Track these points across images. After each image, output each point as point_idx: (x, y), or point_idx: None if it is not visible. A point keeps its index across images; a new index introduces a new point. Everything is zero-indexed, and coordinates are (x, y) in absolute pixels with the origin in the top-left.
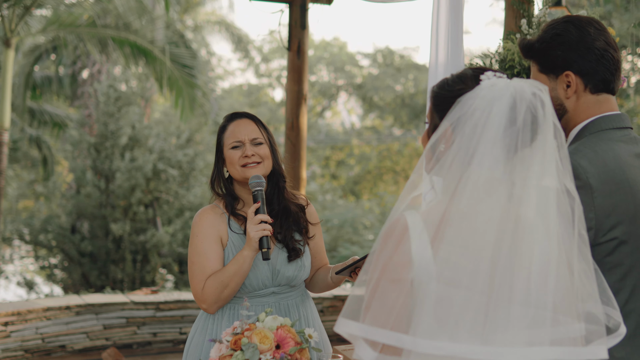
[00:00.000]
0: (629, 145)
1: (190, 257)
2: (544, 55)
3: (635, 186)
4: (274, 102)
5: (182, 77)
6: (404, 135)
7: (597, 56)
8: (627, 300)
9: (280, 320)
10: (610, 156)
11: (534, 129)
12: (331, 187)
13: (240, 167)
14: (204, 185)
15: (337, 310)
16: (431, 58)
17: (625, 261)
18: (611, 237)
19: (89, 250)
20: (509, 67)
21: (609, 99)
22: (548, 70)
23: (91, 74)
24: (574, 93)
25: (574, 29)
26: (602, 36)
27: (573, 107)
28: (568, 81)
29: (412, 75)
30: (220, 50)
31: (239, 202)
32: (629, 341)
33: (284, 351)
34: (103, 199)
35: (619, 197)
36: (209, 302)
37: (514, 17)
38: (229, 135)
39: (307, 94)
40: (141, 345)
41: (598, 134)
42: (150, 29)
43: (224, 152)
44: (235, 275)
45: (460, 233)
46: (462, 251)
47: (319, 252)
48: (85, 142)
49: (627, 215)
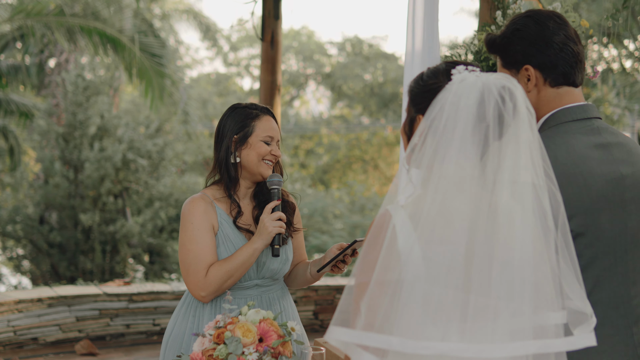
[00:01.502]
0: (589, 137)
1: (186, 245)
2: (505, 51)
3: (590, 178)
4: (242, 91)
5: (151, 67)
6: (373, 124)
7: (556, 50)
8: (590, 292)
9: (262, 313)
10: (563, 150)
11: (502, 123)
12: (300, 176)
13: (262, 160)
14: (174, 175)
15: (310, 301)
16: (407, 47)
17: (584, 253)
18: None
19: (58, 241)
20: (485, 59)
21: (570, 91)
22: (510, 65)
23: (58, 63)
24: (534, 87)
25: (533, 23)
26: (562, 30)
27: (535, 101)
28: (528, 75)
29: (381, 64)
30: (188, 39)
31: (238, 186)
32: (595, 331)
33: (267, 344)
34: (72, 189)
35: (571, 190)
36: (210, 290)
37: (488, 8)
38: (265, 128)
39: (281, 85)
40: (114, 337)
41: (556, 127)
42: (118, 17)
43: (250, 139)
44: (242, 265)
45: (435, 230)
46: (439, 248)
47: (299, 247)
48: (53, 132)
49: (582, 208)
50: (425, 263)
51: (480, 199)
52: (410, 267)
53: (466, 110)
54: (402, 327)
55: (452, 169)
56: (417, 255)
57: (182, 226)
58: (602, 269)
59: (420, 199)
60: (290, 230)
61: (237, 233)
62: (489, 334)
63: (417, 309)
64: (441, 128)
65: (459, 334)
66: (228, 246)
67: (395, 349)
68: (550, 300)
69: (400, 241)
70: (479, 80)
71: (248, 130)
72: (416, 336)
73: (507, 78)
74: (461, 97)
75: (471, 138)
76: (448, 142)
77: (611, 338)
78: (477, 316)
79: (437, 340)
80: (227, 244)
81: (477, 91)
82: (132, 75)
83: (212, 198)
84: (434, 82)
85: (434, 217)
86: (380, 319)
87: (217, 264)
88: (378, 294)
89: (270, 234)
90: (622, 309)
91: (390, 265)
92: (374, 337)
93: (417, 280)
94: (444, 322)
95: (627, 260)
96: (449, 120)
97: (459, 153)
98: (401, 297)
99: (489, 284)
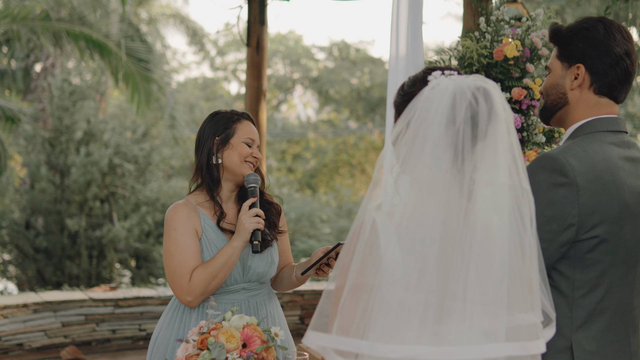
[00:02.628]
0: (621, 149)
1: (170, 251)
2: (566, 43)
3: (621, 188)
4: (229, 96)
5: (138, 72)
6: (360, 128)
7: (612, 60)
8: (602, 297)
9: (246, 319)
10: (600, 157)
11: (476, 124)
12: (288, 181)
13: (244, 162)
14: (161, 180)
15: (297, 305)
16: (391, 52)
17: (604, 259)
18: (593, 235)
19: (44, 246)
20: (468, 65)
21: (610, 103)
22: (564, 58)
23: (45, 67)
24: (578, 86)
25: (602, 28)
26: (625, 45)
27: (575, 101)
28: (577, 73)
29: (368, 68)
30: (175, 44)
31: (220, 188)
32: (601, 336)
33: (251, 350)
34: (58, 194)
35: (604, 198)
36: (196, 294)
37: (472, 15)
38: (246, 131)
39: (267, 90)
40: (100, 342)
41: (592, 135)
42: (105, 22)
43: (232, 140)
44: (224, 266)
45: (409, 234)
46: (413, 253)
47: (285, 250)
48: (39, 137)
49: (611, 216)
50: (403, 267)
51: (453, 202)
52: (388, 271)
53: (438, 114)
54: (376, 331)
55: (425, 174)
56: (398, 259)
57: (166, 233)
58: (616, 277)
59: (398, 204)
60: (275, 232)
61: (221, 236)
62: (462, 337)
63: (391, 313)
64: (412, 134)
65: (432, 337)
66: (212, 250)
67: (365, 352)
68: (523, 302)
69: (382, 244)
70: (452, 83)
71: (230, 132)
72: (389, 340)
73: (483, 79)
74: (433, 101)
75: (444, 142)
76: (420, 147)
77: (613, 345)
78: (451, 319)
79: (411, 344)
80: (211, 248)
81: (449, 94)
82: (119, 80)
83: (195, 203)
84: (413, 90)
85: (407, 221)
86: (355, 323)
87: (199, 267)
88: (354, 297)
89: (248, 230)
90: (625, 318)
91: (367, 269)
92: (346, 341)
93: (393, 284)
94: (418, 325)
95: (637, 271)
96: (420, 125)
97: (431, 157)
98: (376, 301)
99: (464, 287)
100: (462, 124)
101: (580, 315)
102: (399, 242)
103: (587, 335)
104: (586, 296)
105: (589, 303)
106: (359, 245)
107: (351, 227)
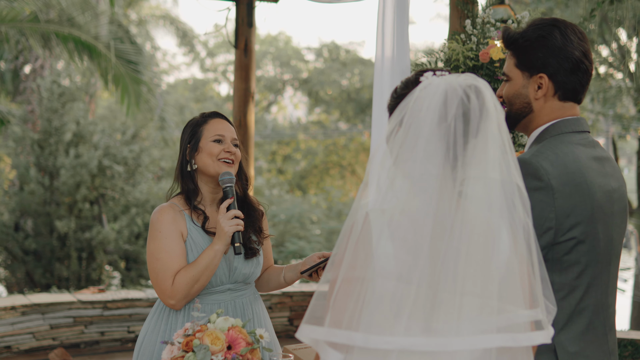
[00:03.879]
0: (587, 149)
1: (154, 254)
2: (525, 53)
3: (592, 188)
4: (219, 97)
5: (127, 73)
6: (350, 129)
7: (573, 66)
8: (581, 298)
9: (231, 321)
10: (571, 158)
11: (468, 121)
12: (278, 182)
13: (218, 160)
14: (150, 182)
15: (285, 307)
16: (377, 53)
17: (581, 260)
18: (570, 237)
19: (33, 248)
20: (454, 67)
21: (573, 106)
22: (524, 67)
23: (34, 69)
24: (543, 95)
25: (559, 34)
26: (582, 47)
27: (539, 109)
28: (540, 83)
29: (358, 69)
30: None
31: (200, 195)
32: (582, 336)
33: (236, 352)
34: (47, 196)
35: (578, 199)
36: (179, 297)
37: (458, 17)
38: (212, 129)
39: (255, 92)
40: (89, 344)
41: (559, 136)
42: (94, 24)
43: (200, 143)
44: (207, 269)
45: (401, 228)
46: (404, 246)
47: (267, 252)
48: (28, 139)
49: (585, 216)
50: (395, 260)
51: (445, 196)
52: (380, 264)
53: (430, 110)
54: (368, 323)
55: (417, 169)
56: (389, 252)
57: (151, 235)
58: (592, 277)
59: (391, 199)
60: (261, 238)
61: (206, 238)
62: (453, 328)
63: (383, 305)
64: (405, 130)
65: (424, 329)
66: (198, 252)
67: (359, 344)
68: (517, 296)
69: (374, 238)
70: (443, 82)
71: (198, 136)
72: (381, 332)
73: (474, 78)
74: (425, 99)
75: (436, 138)
76: (413, 144)
77: (593, 344)
78: (443, 311)
79: (403, 335)
80: (197, 250)
81: (441, 92)
82: (108, 82)
83: (181, 206)
84: (406, 92)
85: (399, 215)
86: (348, 315)
87: (182, 270)
88: (346, 290)
89: (228, 233)
90: (602, 316)
91: (359, 262)
92: (339, 333)
93: (385, 276)
94: (409, 317)
95: (610, 270)
96: (413, 122)
97: (424, 153)
98: (367, 294)
99: (454, 279)
100: (453, 120)
101: (561, 317)
102: (391, 236)
103: (568, 337)
104: (566, 298)
105: (568, 305)
106: (352, 239)
107: (344, 224)
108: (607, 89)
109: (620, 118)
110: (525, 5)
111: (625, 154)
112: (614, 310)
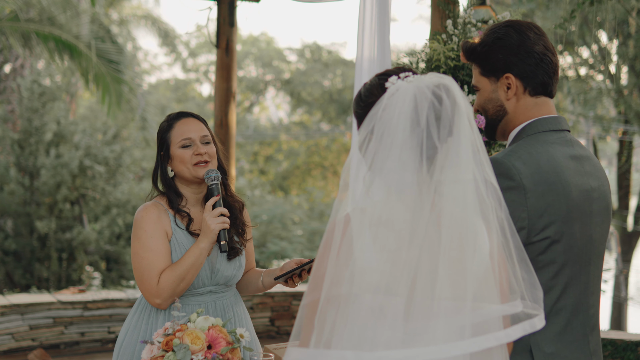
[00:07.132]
0: (565, 147)
1: (139, 253)
2: (486, 59)
3: (568, 187)
4: (201, 98)
5: (108, 73)
6: (332, 130)
7: (536, 60)
8: (558, 298)
9: (211, 320)
10: (545, 158)
11: (440, 121)
12: (260, 183)
13: (192, 166)
14: (131, 182)
15: (267, 307)
16: (358, 54)
17: (557, 259)
18: (544, 237)
19: (13, 249)
20: (435, 67)
21: (547, 101)
22: (489, 73)
23: (14, 68)
24: (514, 95)
25: (514, 33)
26: (541, 41)
27: (513, 109)
28: (508, 83)
29: (340, 70)
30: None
31: (182, 199)
32: (559, 337)
33: (216, 351)
34: (27, 196)
35: (552, 198)
36: (165, 296)
37: (439, 17)
38: (178, 134)
39: (236, 92)
40: (69, 345)
41: (535, 135)
42: (75, 23)
43: (171, 150)
44: (192, 267)
45: (378, 238)
46: (384, 256)
47: (250, 254)
48: (8, 139)
49: (560, 216)
50: (377, 272)
51: (422, 202)
52: (363, 278)
53: (402, 119)
54: (353, 339)
55: (393, 177)
56: (372, 265)
57: (135, 234)
58: (570, 277)
59: (368, 207)
60: (243, 240)
61: (190, 240)
62: (429, 338)
63: (369, 319)
64: (377, 140)
65: (402, 338)
66: (182, 251)
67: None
68: (494, 294)
69: (355, 250)
70: (411, 86)
71: (167, 144)
72: (371, 347)
73: (439, 76)
74: (395, 108)
75: (410, 144)
76: (387, 152)
77: (572, 345)
78: (417, 321)
79: (382, 347)
80: (181, 249)
81: (410, 98)
82: (89, 82)
83: (165, 205)
84: (372, 100)
85: (377, 224)
86: (328, 332)
87: (168, 269)
88: (330, 309)
89: (214, 231)
90: (581, 317)
91: (341, 279)
92: (328, 354)
93: (368, 290)
94: (389, 328)
95: (590, 270)
96: (385, 131)
97: (398, 161)
98: (353, 310)
99: (432, 285)
100: (426, 124)
101: None
102: (372, 245)
103: (544, 337)
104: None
105: (544, 305)
106: (332, 252)
107: (325, 232)
108: (587, 91)
109: (600, 119)
110: (506, 6)
111: (605, 156)
112: (597, 310)
